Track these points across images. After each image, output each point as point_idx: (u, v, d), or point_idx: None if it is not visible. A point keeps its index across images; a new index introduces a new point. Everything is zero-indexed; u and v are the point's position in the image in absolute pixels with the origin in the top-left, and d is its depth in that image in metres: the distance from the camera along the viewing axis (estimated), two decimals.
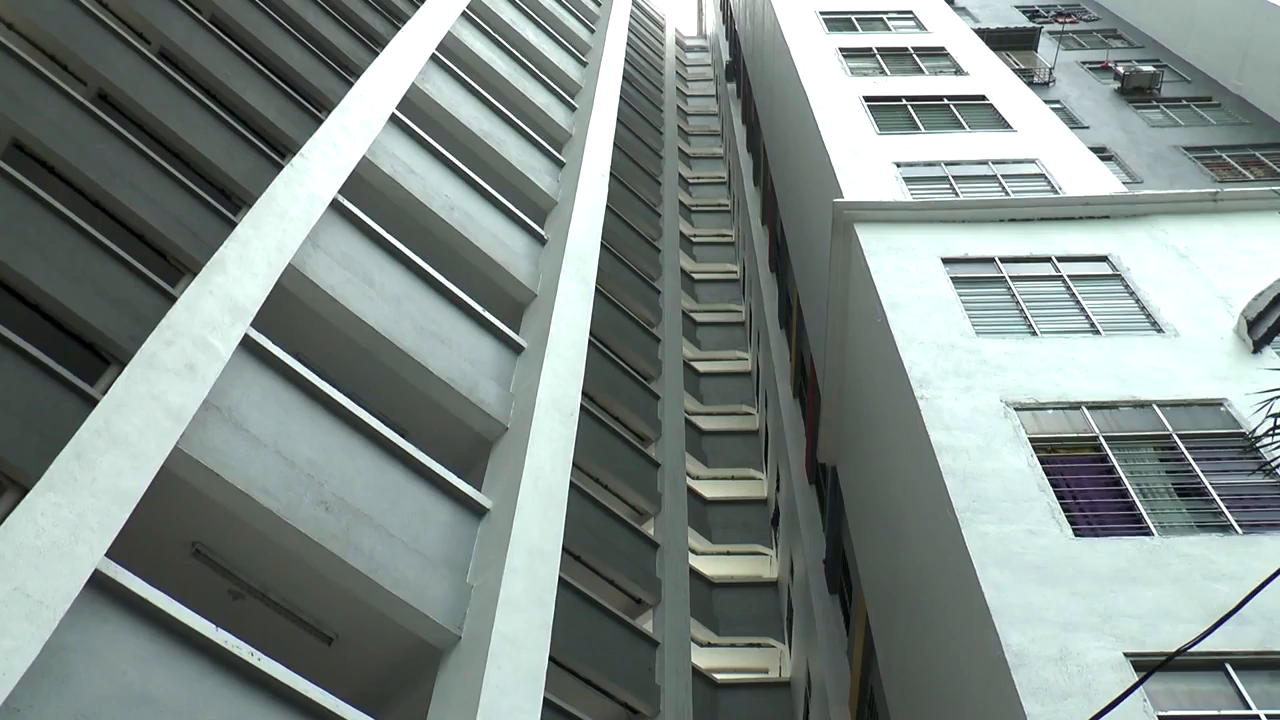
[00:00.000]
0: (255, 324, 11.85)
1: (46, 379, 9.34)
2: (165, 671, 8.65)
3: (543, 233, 19.05)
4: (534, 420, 13.85)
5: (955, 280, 14.72)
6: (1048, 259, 15.24)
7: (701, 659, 16.91)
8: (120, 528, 8.81)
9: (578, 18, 30.81)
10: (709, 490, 20.87)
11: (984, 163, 18.96)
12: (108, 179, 11.76)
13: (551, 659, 11.29)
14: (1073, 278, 14.80)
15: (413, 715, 11.05)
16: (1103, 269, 15.04)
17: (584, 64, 28.22)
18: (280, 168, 14.22)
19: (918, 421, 12.20)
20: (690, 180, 33.93)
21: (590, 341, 17.00)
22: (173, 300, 11.06)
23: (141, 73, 13.53)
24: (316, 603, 10.99)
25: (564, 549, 12.70)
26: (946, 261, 15.11)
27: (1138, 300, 14.22)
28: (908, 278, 14.73)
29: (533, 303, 17.24)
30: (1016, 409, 12.20)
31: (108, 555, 8.66)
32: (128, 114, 13.06)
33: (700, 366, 25.46)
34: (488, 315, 15.70)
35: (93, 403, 9.48)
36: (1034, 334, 13.58)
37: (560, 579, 12.40)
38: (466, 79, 21.16)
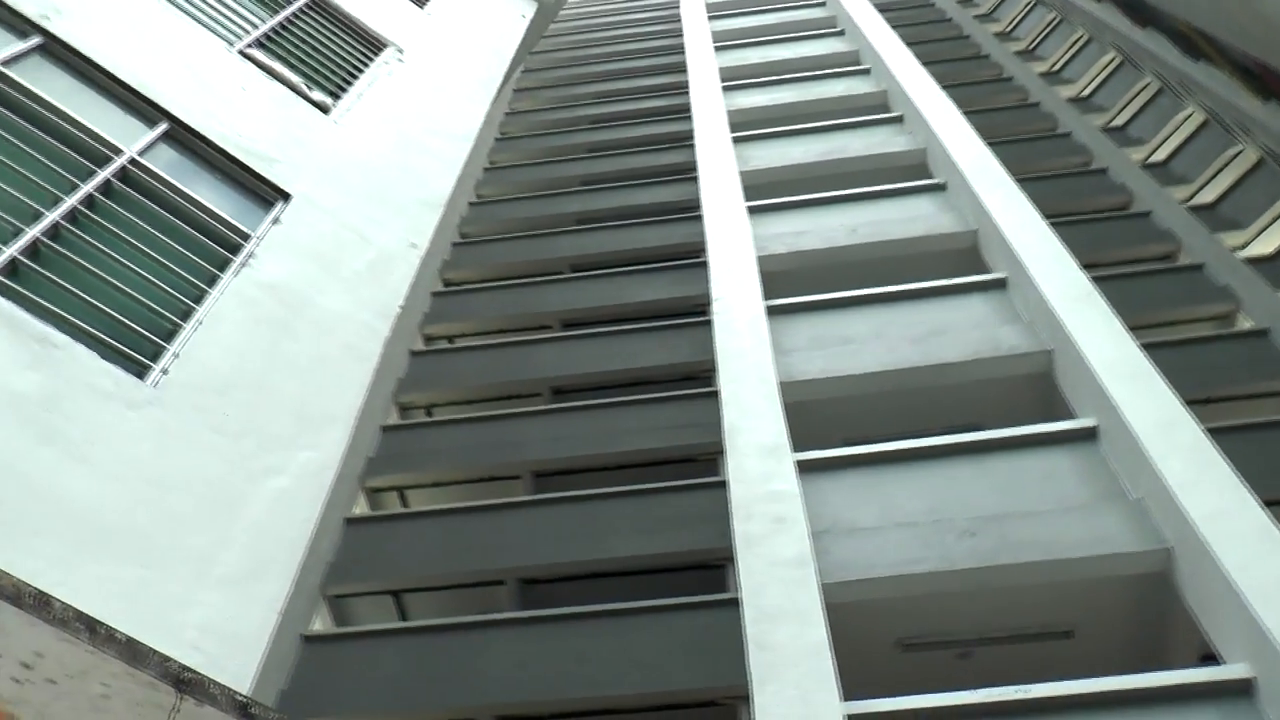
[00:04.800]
0: (795, 447, 12.42)
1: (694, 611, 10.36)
2: None
3: (936, 180, 18.66)
4: (1063, 325, 13.29)
5: None
6: None
7: None
8: (832, 672, 9.39)
9: (798, 4, 30.74)
10: (1262, 247, 18.75)
11: None
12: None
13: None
14: None
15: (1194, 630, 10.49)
16: None
17: (841, 32, 27.87)
18: (709, 324, 15.07)
19: None
20: (1029, 50, 31.20)
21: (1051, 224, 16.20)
22: (724, 485, 11.89)
23: (573, 358, 15.18)
24: (1030, 611, 10.98)
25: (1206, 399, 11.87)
26: None
27: None
28: None
29: (978, 239, 16.77)
30: None
31: (845, 699, 9.26)
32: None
33: (1158, 155, 23.31)
34: (953, 281, 15.44)
35: (735, 604, 10.33)
36: None
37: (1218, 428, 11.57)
38: (770, 130, 21.61)
